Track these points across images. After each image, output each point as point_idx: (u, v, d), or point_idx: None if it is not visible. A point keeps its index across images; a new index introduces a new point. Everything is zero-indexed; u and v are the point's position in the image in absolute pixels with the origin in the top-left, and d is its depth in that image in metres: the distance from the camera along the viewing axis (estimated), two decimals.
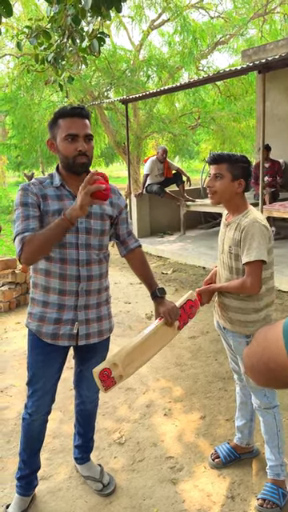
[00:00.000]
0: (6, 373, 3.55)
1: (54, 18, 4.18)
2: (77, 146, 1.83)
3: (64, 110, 1.86)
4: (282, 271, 5.38)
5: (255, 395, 2.20)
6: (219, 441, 2.62)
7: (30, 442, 2.13)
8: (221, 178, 2.03)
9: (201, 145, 22.21)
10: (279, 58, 5.17)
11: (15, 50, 11.83)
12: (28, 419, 2.09)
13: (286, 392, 3.08)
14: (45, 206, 1.86)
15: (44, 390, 2.04)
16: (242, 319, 2.11)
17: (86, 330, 1.98)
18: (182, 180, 8.09)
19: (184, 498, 2.22)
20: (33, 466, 2.16)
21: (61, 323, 1.94)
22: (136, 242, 2.16)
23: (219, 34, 13.55)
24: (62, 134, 1.83)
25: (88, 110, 1.91)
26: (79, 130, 1.83)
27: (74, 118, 1.84)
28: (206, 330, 4.25)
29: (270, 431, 2.21)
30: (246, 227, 1.98)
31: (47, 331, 1.95)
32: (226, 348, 2.40)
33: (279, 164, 7.80)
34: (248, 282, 1.98)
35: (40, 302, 1.96)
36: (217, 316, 2.29)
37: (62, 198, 1.89)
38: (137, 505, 2.18)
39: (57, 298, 1.92)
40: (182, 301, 2.18)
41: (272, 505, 2.10)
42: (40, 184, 1.91)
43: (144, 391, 3.22)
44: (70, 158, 1.84)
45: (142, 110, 13.06)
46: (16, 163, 18.28)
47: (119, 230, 2.10)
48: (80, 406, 2.28)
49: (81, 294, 1.93)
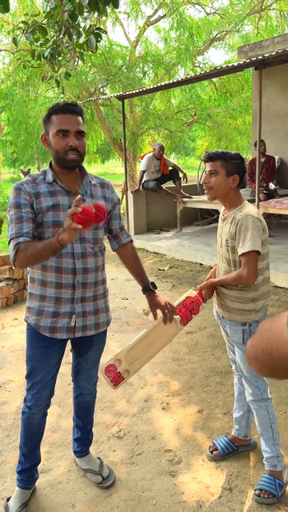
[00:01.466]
0: (4, 368, 3.56)
1: (51, 13, 4.17)
2: (68, 141, 1.86)
3: (57, 106, 1.89)
4: (278, 267, 5.41)
5: (249, 386, 2.24)
6: (217, 434, 2.65)
7: (30, 436, 2.15)
8: (216, 175, 2.13)
9: (197, 141, 22.20)
10: (276, 54, 5.19)
11: (11, 45, 11.78)
12: (28, 413, 2.11)
13: (282, 386, 3.12)
14: (38, 203, 1.89)
15: (43, 382, 2.07)
16: (238, 308, 2.17)
17: (82, 322, 2.01)
18: (178, 176, 8.11)
19: (183, 489, 2.24)
20: (33, 460, 2.18)
21: (58, 316, 1.97)
22: (128, 237, 2.21)
23: (215, 30, 13.53)
24: (54, 130, 1.87)
25: (82, 108, 1.95)
26: (71, 126, 1.87)
27: (66, 115, 1.87)
28: (203, 325, 4.28)
29: (263, 424, 2.25)
30: (240, 220, 2.07)
31: (45, 325, 1.97)
32: (224, 338, 2.45)
33: (274, 160, 7.83)
34: (244, 273, 2.06)
35: (37, 296, 1.98)
36: (216, 305, 2.34)
37: (55, 193, 1.92)
38: (136, 497, 2.21)
39: (54, 292, 1.95)
40: (180, 299, 2.25)
41: (269, 495, 2.13)
42: (33, 181, 1.93)
43: (142, 386, 3.24)
44: (60, 153, 1.88)
45: (138, 107, 13.03)
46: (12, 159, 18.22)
47: (112, 225, 2.14)
48: (78, 399, 2.31)
49: (77, 286, 1.96)
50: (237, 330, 2.20)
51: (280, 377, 0.77)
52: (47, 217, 1.89)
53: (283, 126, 8.54)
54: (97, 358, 2.23)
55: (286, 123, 8.49)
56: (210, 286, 2.26)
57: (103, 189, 2.08)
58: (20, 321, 4.53)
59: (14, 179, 25.33)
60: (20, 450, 2.18)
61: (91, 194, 2.01)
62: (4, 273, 5.03)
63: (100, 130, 14.02)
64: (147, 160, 7.90)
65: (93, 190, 2.03)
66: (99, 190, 2.06)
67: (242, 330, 2.19)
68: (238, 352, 2.25)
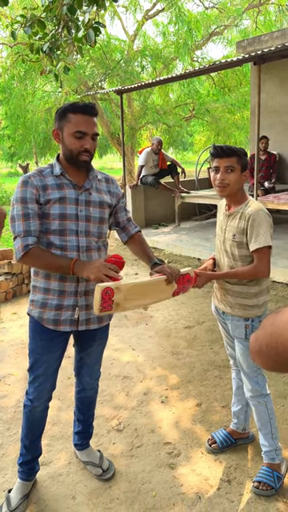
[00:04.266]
0: (3, 362, 3.58)
1: (49, 7, 4.16)
2: (84, 143, 1.88)
3: (77, 106, 1.89)
4: (276, 262, 5.43)
5: (248, 382, 2.25)
6: (215, 427, 2.68)
7: (32, 429, 2.17)
8: (232, 171, 2.09)
9: (195, 136, 22.17)
10: (275, 49, 5.19)
11: (9, 39, 11.70)
12: (30, 406, 2.13)
13: (280, 380, 3.14)
14: (45, 195, 1.90)
15: (45, 375, 2.08)
16: (242, 303, 2.18)
17: (86, 315, 2.02)
18: (176, 171, 8.10)
19: (182, 481, 2.27)
20: (34, 452, 2.20)
21: (62, 309, 1.98)
22: (136, 227, 2.24)
23: (214, 24, 13.50)
24: (72, 130, 1.88)
25: (97, 109, 1.97)
26: (89, 128, 1.89)
27: (85, 116, 1.89)
28: (201, 319, 4.30)
29: (262, 419, 2.28)
30: (252, 216, 2.07)
31: (49, 317, 1.99)
32: (222, 334, 2.45)
33: (275, 157, 7.83)
34: (259, 268, 2.08)
35: (41, 289, 2.00)
36: (216, 301, 2.34)
37: (63, 186, 1.94)
38: (136, 489, 2.23)
39: (58, 285, 1.96)
40: (182, 271, 2.17)
41: (267, 487, 2.16)
42: (40, 174, 1.94)
43: (141, 379, 3.27)
44: (75, 153, 1.90)
45: (137, 101, 13.01)
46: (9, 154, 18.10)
47: (119, 218, 2.18)
48: (81, 394, 2.32)
49: (81, 280, 1.97)
50: (239, 325, 2.21)
51: (284, 370, 0.79)
52: (54, 209, 1.90)
53: (281, 121, 8.54)
54: (100, 353, 2.25)
55: (284, 118, 8.49)
56: (209, 278, 2.22)
57: (108, 184, 2.11)
58: (19, 315, 4.54)
59: (12, 174, 25.25)
60: (21, 443, 2.20)
61: (97, 188, 2.04)
62: (3, 267, 5.04)
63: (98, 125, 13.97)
64: (145, 155, 7.88)
65: (98, 185, 2.06)
66: (104, 185, 2.09)
67: (244, 326, 2.19)
68: (239, 347, 2.25)
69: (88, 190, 2.00)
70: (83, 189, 1.98)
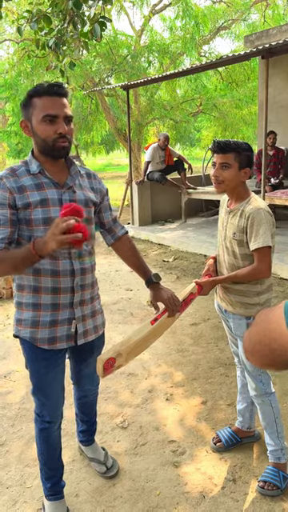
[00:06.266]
0: (8, 358, 3.58)
1: (55, 2, 4.13)
2: (57, 127, 1.66)
3: (41, 88, 1.66)
4: (283, 259, 5.38)
5: (252, 381, 2.22)
6: (220, 425, 2.66)
7: (52, 453, 2.03)
8: (228, 168, 2.02)
9: (202, 132, 22.05)
10: (283, 42, 5.12)
11: (15, 35, 11.69)
12: (47, 429, 1.97)
13: (287, 377, 3.11)
14: (23, 198, 1.67)
15: (57, 392, 1.96)
16: (243, 301, 2.15)
17: (83, 327, 1.88)
18: (183, 167, 8.06)
19: (186, 480, 2.25)
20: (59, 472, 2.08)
21: (57, 325, 1.80)
22: (122, 228, 2.07)
23: (221, 19, 13.37)
24: (40, 115, 1.65)
25: (67, 88, 1.72)
26: (59, 110, 1.66)
27: (52, 97, 1.66)
28: (207, 316, 4.27)
29: (267, 418, 2.24)
30: (252, 214, 2.01)
31: (43, 336, 1.80)
32: (226, 331, 2.43)
33: (283, 152, 7.74)
34: (259, 268, 2.03)
35: (30, 305, 1.79)
36: (218, 299, 2.32)
37: (42, 186, 1.72)
38: (140, 487, 2.22)
39: (50, 298, 1.77)
40: (185, 295, 2.15)
41: (273, 487, 2.13)
42: (13, 174, 1.71)
43: (146, 376, 3.25)
44: (49, 141, 1.67)
45: (143, 97, 12.93)
46: (16, 150, 18.13)
47: (103, 218, 1.99)
48: (82, 400, 2.26)
49: (76, 289, 1.81)
50: (241, 323, 2.18)
51: (278, 368, 0.77)
52: (36, 213, 1.68)
53: None
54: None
55: None
56: (213, 284, 2.20)
57: (90, 179, 1.91)
58: None
59: None
60: (42, 473, 2.05)
61: (80, 185, 1.84)
62: None
63: (104, 121, 13.93)
64: (152, 151, 7.85)
65: (81, 181, 1.85)
66: (86, 182, 1.88)
67: (246, 324, 2.16)
68: (242, 345, 2.22)
69: (71, 187, 1.78)
70: (66, 187, 1.76)
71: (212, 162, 2.08)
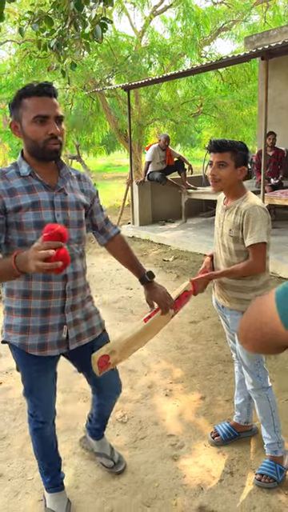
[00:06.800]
0: (9, 355, 3.60)
1: (57, 3, 4.18)
2: (48, 128, 1.62)
3: (30, 88, 1.63)
4: (282, 258, 5.41)
5: (249, 375, 2.26)
6: (219, 420, 2.70)
7: (48, 450, 2.04)
8: (224, 167, 2.08)
9: (203, 132, 22.10)
10: (283, 43, 5.16)
11: (17, 36, 11.74)
12: (41, 428, 1.98)
13: (285, 374, 3.15)
14: (13, 201, 1.63)
15: (49, 393, 1.97)
16: (239, 297, 2.19)
17: (75, 331, 1.84)
18: (183, 168, 8.11)
19: (184, 473, 2.29)
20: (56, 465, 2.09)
21: (47, 330, 1.77)
22: (115, 228, 2.05)
23: (222, 20, 13.41)
24: (30, 116, 1.62)
25: (56, 88, 1.69)
26: (49, 110, 1.63)
27: (42, 97, 1.63)
28: (206, 314, 4.31)
29: (264, 412, 2.28)
30: (247, 211, 2.06)
31: (33, 342, 1.77)
32: (224, 327, 2.47)
33: (283, 153, 7.78)
34: (254, 264, 2.08)
35: (19, 310, 1.76)
36: (215, 295, 2.36)
37: (33, 189, 1.68)
38: (139, 480, 2.26)
39: (40, 303, 1.73)
40: (178, 293, 2.18)
41: (270, 479, 2.17)
42: (3, 176, 1.67)
43: (145, 373, 3.29)
44: (39, 142, 1.64)
45: (144, 97, 12.98)
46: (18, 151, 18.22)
47: (96, 220, 1.97)
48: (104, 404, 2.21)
49: (68, 294, 1.77)
50: (237, 319, 2.22)
51: (270, 351, 0.82)
52: (27, 216, 1.64)
53: None
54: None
55: None
56: (208, 280, 2.24)
57: (80, 181, 1.88)
58: None
59: None
60: (41, 468, 2.08)
61: (71, 187, 1.81)
62: None
63: (105, 121, 13.98)
64: (152, 151, 7.89)
65: (72, 183, 1.83)
66: (77, 184, 1.86)
67: None
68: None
69: (62, 190, 1.75)
70: (57, 189, 1.73)
71: (209, 160, 2.13)
